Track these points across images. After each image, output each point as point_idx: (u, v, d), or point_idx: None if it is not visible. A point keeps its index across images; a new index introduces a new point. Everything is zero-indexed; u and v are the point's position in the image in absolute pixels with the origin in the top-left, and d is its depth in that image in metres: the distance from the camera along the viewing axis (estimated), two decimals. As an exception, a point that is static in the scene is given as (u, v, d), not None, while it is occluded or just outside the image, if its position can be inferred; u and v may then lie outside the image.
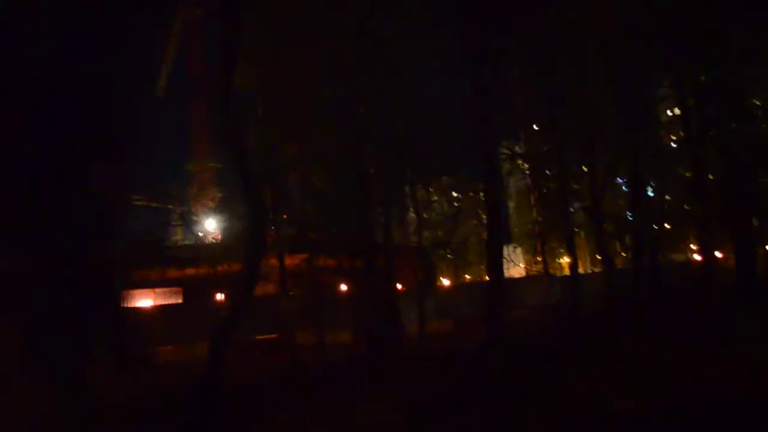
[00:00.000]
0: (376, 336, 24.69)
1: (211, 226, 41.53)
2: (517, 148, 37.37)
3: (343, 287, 32.71)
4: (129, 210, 18.34)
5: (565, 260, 52.66)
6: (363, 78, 22.90)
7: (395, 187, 29.59)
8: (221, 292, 31.63)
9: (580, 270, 40.07)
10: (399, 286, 34.27)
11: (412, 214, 37.09)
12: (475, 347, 20.95)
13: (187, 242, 43.44)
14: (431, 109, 27.39)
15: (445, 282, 53.79)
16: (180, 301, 31.78)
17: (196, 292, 32.54)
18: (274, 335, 28.62)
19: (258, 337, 29.90)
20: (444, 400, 13.21)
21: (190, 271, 33.94)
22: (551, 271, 49.27)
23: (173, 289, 32.16)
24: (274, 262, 26.81)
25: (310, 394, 15.84)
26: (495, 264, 15.67)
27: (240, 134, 14.43)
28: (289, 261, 29.81)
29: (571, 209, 32.43)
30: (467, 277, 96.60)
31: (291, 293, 30.08)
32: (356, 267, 26.29)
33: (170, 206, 47.03)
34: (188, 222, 48.30)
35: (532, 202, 43.81)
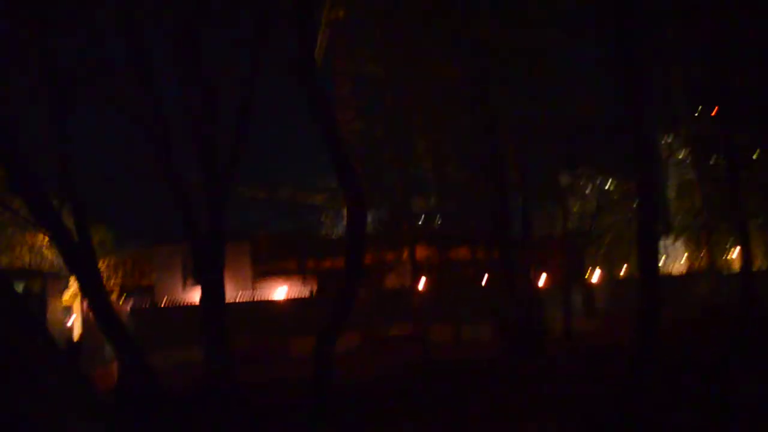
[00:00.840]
0: (515, 334, 23.23)
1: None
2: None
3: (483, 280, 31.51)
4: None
5: (735, 255, 47.48)
6: (497, 57, 21.46)
7: (536, 174, 27.75)
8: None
9: (755, 266, 35.55)
10: (542, 281, 32.43)
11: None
12: (627, 353, 19.05)
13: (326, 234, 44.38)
14: (575, 86, 25.05)
15: (595, 277, 50.55)
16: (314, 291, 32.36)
17: (331, 284, 32.98)
18: (407, 331, 28.02)
19: (391, 333, 29.47)
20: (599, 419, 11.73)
21: (327, 262, 34.47)
22: (717, 267, 44.61)
23: (308, 278, 32.77)
24: (405, 255, 26.23)
25: (441, 401, 14.94)
26: (648, 258, 13.76)
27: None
28: (421, 253, 29.24)
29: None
30: (621, 271, 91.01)
31: (423, 287, 29.47)
32: (493, 259, 24.95)
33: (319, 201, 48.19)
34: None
35: (695, 190, 39.73)
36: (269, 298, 31.22)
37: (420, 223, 28.44)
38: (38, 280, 17.55)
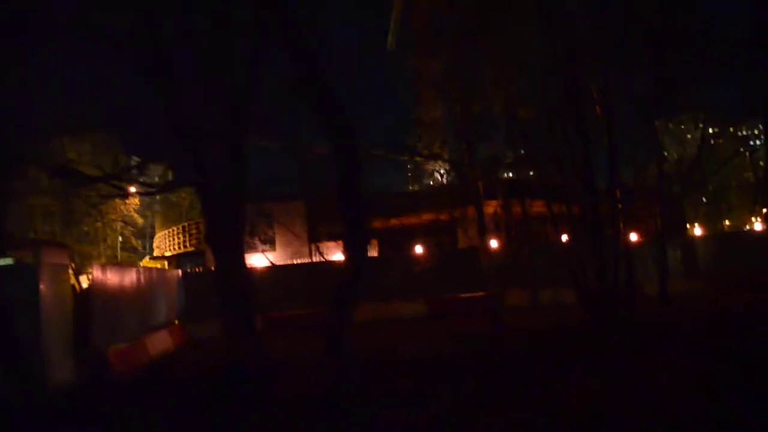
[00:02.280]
0: (599, 298, 20.51)
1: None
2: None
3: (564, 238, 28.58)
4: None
5: None
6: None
7: (625, 114, 24.34)
8: (420, 244, 29.48)
9: None
10: (634, 237, 29.18)
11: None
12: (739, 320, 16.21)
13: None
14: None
15: (696, 230, 46.12)
16: (374, 254, 30.29)
17: (392, 245, 30.89)
18: (480, 293, 25.66)
19: (462, 295, 27.23)
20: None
21: (390, 222, 32.35)
22: None
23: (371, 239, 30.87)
24: (472, 211, 23.62)
25: (507, 380, 12.80)
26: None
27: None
28: (491, 208, 26.58)
29: None
30: (727, 224, 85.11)
31: (495, 247, 26.94)
32: (573, 214, 22.03)
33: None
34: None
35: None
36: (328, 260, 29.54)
37: (489, 173, 25.52)
38: (31, 250, 16.27)
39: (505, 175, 31.89)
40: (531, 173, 25.00)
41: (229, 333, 14.38)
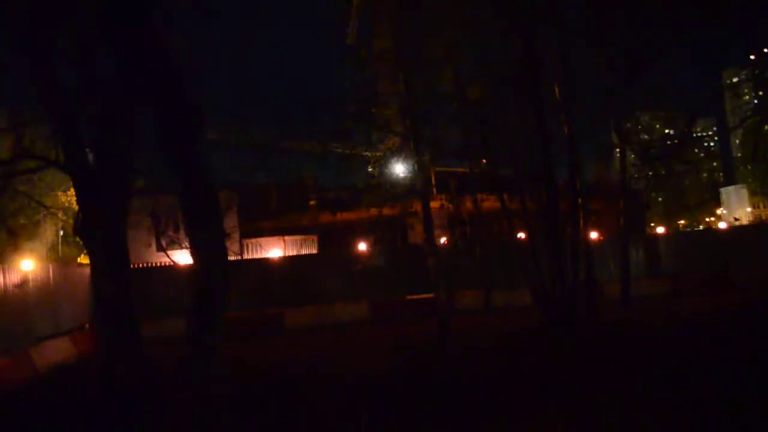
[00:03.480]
0: (557, 300, 18.66)
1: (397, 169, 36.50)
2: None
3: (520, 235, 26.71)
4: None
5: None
6: None
7: (586, 101, 22.50)
8: (364, 241, 27.24)
9: None
10: (593, 235, 27.57)
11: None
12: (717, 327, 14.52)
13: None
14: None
15: (660, 230, 45.12)
16: (314, 251, 27.91)
17: (334, 242, 28.58)
18: (428, 295, 23.55)
19: (408, 297, 25.13)
20: None
21: (331, 217, 30.26)
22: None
23: (308, 237, 28.41)
24: (417, 206, 21.42)
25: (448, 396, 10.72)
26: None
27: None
28: (440, 204, 24.54)
29: None
30: (681, 223, 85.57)
31: (444, 244, 24.92)
32: (529, 209, 20.11)
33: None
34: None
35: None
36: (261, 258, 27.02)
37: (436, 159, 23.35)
38: None
39: (456, 169, 29.91)
40: (483, 163, 22.88)
41: (106, 350, 11.85)
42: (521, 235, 22.40)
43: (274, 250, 27.13)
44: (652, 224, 60.88)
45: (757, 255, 27.67)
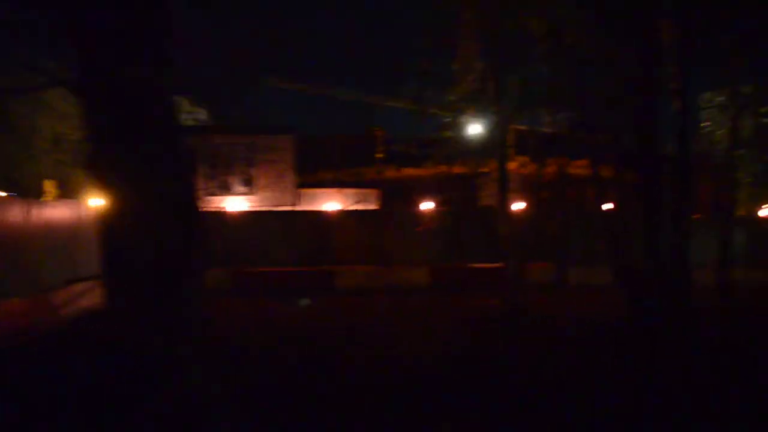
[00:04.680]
0: (648, 284, 16.06)
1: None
2: None
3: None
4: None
5: None
6: None
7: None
8: (431, 200, 24.94)
9: None
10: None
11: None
12: None
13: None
14: None
15: (764, 211, 41.09)
16: (373, 206, 25.78)
17: (399, 199, 26.39)
18: (495, 264, 21.24)
19: (473, 265, 22.90)
20: None
21: (397, 171, 28.04)
22: None
23: (369, 191, 26.30)
24: (491, 165, 18.97)
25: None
26: None
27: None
28: (520, 167, 21.96)
29: None
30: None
31: (520, 211, 22.45)
32: (625, 181, 17.40)
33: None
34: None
35: None
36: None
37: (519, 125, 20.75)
38: None
39: (540, 128, 27.11)
40: (574, 121, 20.14)
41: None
42: (608, 206, 19.71)
43: (331, 203, 25.23)
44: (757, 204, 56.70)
45: None
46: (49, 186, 27.13)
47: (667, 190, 17.10)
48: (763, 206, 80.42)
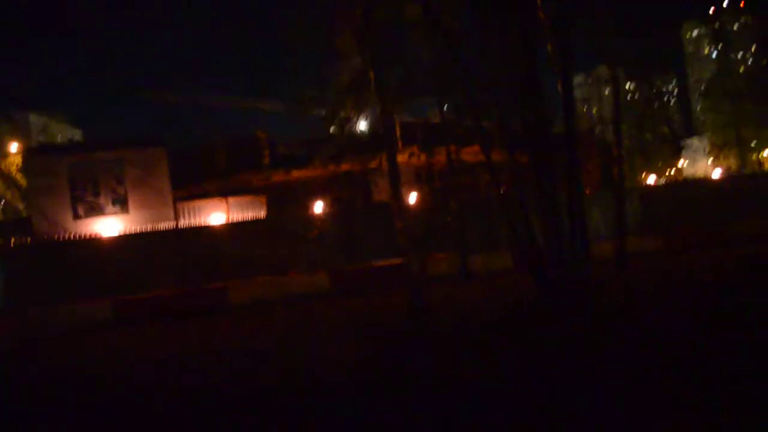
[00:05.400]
0: (552, 264, 15.77)
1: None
2: None
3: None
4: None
5: None
6: None
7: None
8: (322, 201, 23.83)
9: None
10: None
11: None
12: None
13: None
14: None
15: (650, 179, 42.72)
16: (261, 214, 24.39)
17: (287, 204, 25.09)
18: (395, 261, 20.44)
19: (372, 264, 22.12)
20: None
21: (283, 175, 26.68)
22: None
23: (256, 198, 24.88)
24: (381, 160, 18.10)
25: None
26: None
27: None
28: (402, 157, 21.18)
29: None
30: (644, 176, 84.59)
31: (415, 203, 21.82)
32: (517, 163, 17.07)
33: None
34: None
35: None
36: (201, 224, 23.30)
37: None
38: None
39: (425, 118, 26.60)
40: (459, 107, 19.69)
41: None
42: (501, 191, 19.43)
43: (216, 214, 23.64)
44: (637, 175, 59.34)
45: (755, 208, 25.46)
46: None
47: (558, 167, 16.94)
48: (643, 176, 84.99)
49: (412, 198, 23.83)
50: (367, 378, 9.86)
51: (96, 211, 22.46)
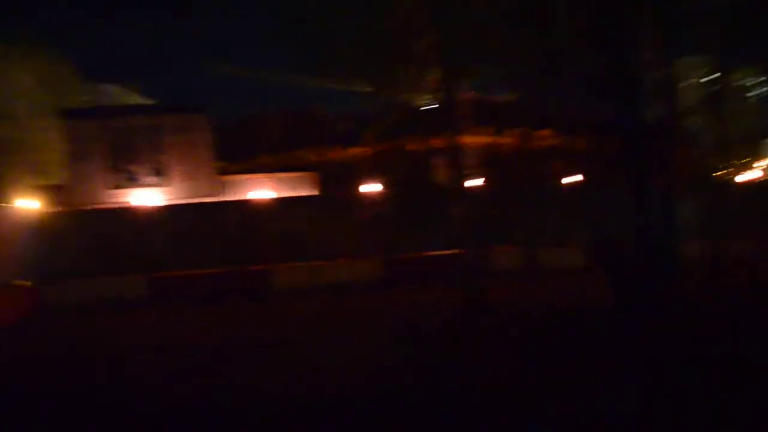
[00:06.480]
0: (637, 265, 13.66)
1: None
2: None
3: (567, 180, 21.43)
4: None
5: None
6: None
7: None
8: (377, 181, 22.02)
9: None
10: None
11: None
12: None
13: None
14: None
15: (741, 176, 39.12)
16: (312, 193, 22.78)
17: (337, 181, 23.39)
18: (453, 251, 18.51)
19: (428, 254, 20.38)
20: None
21: (340, 152, 25.07)
22: None
23: (306, 175, 23.29)
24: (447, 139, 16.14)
25: None
26: None
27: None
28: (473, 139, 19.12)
29: None
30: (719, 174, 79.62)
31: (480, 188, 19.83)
32: (605, 151, 14.94)
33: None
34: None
35: None
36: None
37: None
38: None
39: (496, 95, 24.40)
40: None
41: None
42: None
43: (262, 190, 22.16)
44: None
45: None
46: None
47: (649, 158, 14.73)
48: (727, 171, 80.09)
49: (477, 183, 21.84)
50: (402, 386, 8.11)
51: (133, 180, 21.41)
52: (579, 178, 17.64)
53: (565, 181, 20.16)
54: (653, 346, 9.96)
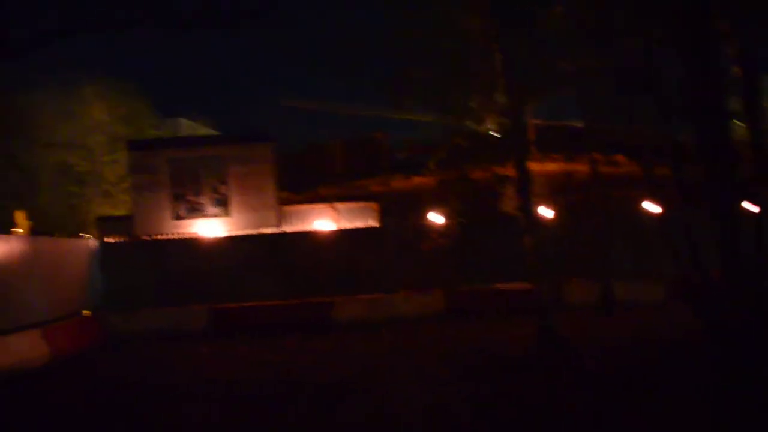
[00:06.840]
0: (728, 304, 12.44)
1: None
2: None
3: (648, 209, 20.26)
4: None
5: None
6: None
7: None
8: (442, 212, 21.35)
9: None
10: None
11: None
12: None
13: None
14: None
15: None
16: (372, 223, 22.27)
17: (398, 211, 22.84)
18: (523, 285, 17.61)
19: (495, 287, 19.53)
20: None
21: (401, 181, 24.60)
22: None
23: (367, 205, 22.84)
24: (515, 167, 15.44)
25: None
26: None
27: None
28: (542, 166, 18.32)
29: None
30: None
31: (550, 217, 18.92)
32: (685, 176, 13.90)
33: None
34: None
35: None
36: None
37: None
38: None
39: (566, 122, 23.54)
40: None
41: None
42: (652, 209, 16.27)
43: (323, 221, 21.81)
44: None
45: None
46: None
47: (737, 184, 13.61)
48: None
49: (547, 213, 20.91)
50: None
51: (197, 211, 21.37)
52: (657, 206, 16.55)
53: (642, 209, 19.04)
54: (749, 378, 9.03)
